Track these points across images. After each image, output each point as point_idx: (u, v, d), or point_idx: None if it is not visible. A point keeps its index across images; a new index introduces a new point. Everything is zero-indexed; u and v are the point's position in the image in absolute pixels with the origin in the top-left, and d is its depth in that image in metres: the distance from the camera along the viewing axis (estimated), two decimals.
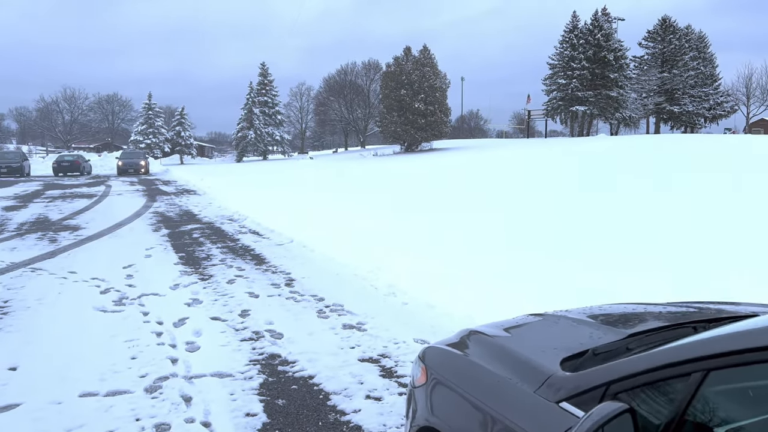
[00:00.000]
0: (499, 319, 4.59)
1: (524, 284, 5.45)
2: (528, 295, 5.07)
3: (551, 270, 5.93)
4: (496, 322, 2.55)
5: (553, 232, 8.11)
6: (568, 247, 7.03)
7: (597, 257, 6.38)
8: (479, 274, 5.89)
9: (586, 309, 2.45)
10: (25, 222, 12.03)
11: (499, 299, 5.05)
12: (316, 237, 8.88)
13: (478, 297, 5.19)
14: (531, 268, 6.06)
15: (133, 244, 9.11)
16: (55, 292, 6.06)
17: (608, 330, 1.93)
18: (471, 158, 27.03)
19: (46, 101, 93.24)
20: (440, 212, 10.67)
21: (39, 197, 18.14)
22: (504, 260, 6.53)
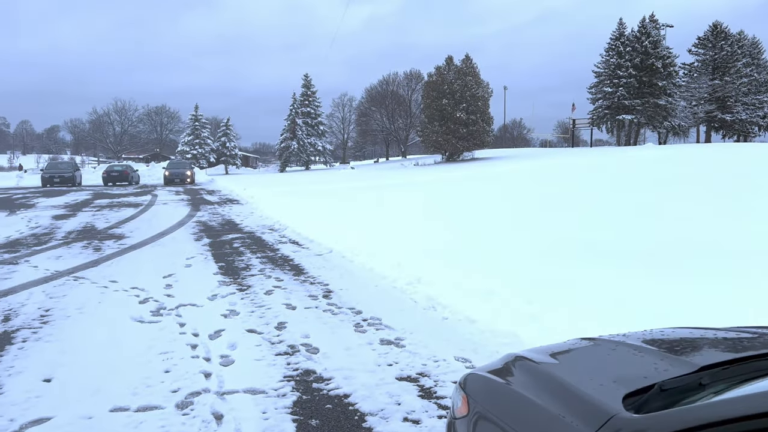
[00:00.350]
0: (547, 340, 4.36)
1: (574, 299, 5.19)
2: (576, 312, 4.81)
3: (630, 287, 5.64)
4: (543, 346, 2.34)
5: (645, 244, 7.78)
6: (668, 266, 6.70)
7: (707, 279, 6.05)
8: (526, 289, 5.64)
9: (645, 333, 2.21)
10: (72, 231, 12.30)
11: (548, 318, 4.80)
12: (355, 247, 8.75)
13: (523, 313, 4.95)
14: (585, 280, 5.78)
15: (174, 254, 9.16)
16: (96, 302, 6.08)
17: (675, 361, 1.71)
18: (520, 166, 26.58)
19: (98, 113, 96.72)
20: (490, 222, 10.42)
21: (88, 206, 18.62)
22: (557, 273, 6.26)
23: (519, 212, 11.43)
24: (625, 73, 55.93)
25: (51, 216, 15.38)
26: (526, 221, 10.16)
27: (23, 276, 7.43)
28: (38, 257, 8.88)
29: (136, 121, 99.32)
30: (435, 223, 10.91)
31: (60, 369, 4.12)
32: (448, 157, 49.38)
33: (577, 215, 10.35)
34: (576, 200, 12.34)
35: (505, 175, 22.95)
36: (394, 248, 8.38)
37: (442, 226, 10.47)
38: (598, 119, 58.88)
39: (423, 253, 7.91)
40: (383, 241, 9.11)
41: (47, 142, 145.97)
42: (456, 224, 10.54)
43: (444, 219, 11.37)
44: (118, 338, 4.82)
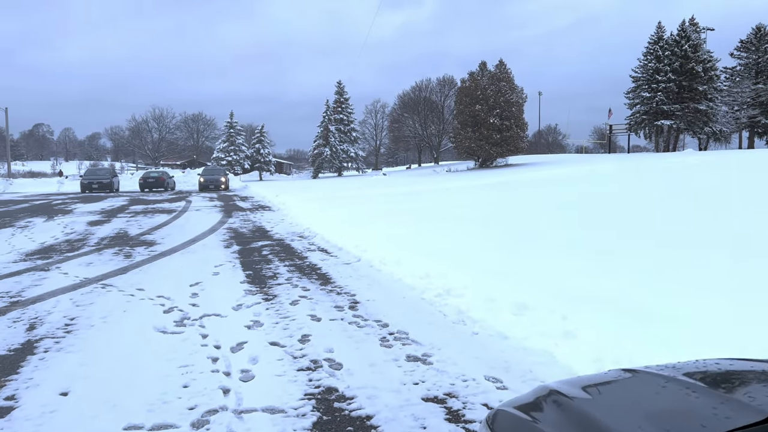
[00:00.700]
0: (582, 360, 4.11)
1: (614, 315, 4.90)
2: (616, 330, 4.53)
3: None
4: (579, 378, 2.09)
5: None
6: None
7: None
8: (563, 304, 5.37)
9: (698, 365, 1.94)
10: (105, 237, 12.41)
11: (584, 336, 4.53)
12: (383, 256, 8.57)
13: (558, 330, 4.69)
14: (630, 295, 5.48)
15: (203, 261, 9.11)
16: (120, 311, 6.02)
17: (739, 405, 1.46)
18: (557, 173, 26.08)
19: (137, 120, 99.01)
20: (523, 231, 10.13)
21: (123, 212, 18.88)
22: (595, 286, 5.96)
23: (558, 221, 11.10)
24: (663, 78, 54.71)
25: (86, 222, 15.60)
26: (563, 231, 9.84)
27: (53, 283, 7.46)
28: (69, 264, 8.94)
29: (174, 128, 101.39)
30: (466, 231, 10.66)
31: (78, 382, 4.03)
32: (482, 164, 48.92)
33: (616, 222, 9.98)
34: (620, 209, 11.94)
35: (541, 181, 22.51)
36: (424, 257, 8.17)
37: (473, 234, 10.21)
38: (635, 125, 57.70)
39: (453, 263, 7.68)
40: (413, 249, 8.91)
41: (88, 149, 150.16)
42: (489, 233, 10.28)
43: (475, 227, 11.11)
44: (139, 350, 4.73)
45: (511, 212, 13.03)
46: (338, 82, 65.00)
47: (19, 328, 5.37)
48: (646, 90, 55.77)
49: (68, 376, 4.16)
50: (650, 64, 55.56)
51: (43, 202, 24.60)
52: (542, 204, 14.11)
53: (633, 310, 5.02)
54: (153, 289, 7.01)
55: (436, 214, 13.53)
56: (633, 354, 4.00)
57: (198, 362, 4.41)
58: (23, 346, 4.87)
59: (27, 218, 16.83)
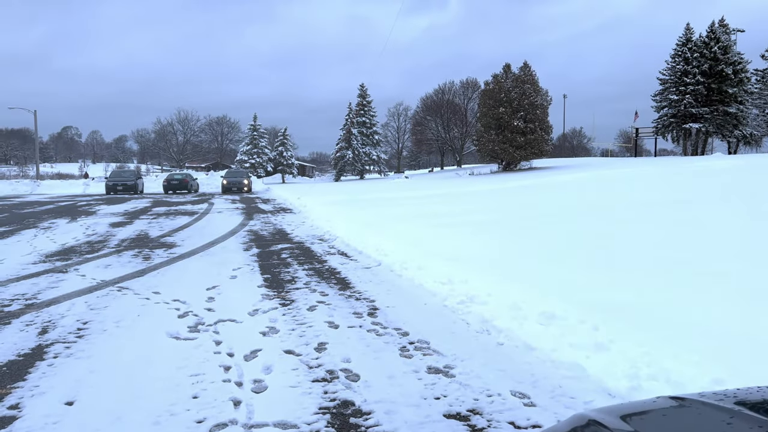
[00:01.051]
0: (615, 375, 3.84)
1: (652, 326, 4.61)
2: (653, 344, 4.24)
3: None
4: (621, 405, 1.83)
5: None
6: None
7: None
8: (594, 313, 5.09)
9: (761, 392, 1.68)
10: (126, 238, 12.38)
11: (617, 349, 4.26)
12: (404, 260, 8.34)
13: (589, 341, 4.42)
14: (674, 307, 5.18)
15: (221, 264, 8.98)
16: (134, 315, 5.89)
17: None
18: (583, 176, 25.61)
19: (162, 123, 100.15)
20: (549, 235, 9.83)
21: (145, 214, 18.93)
22: (628, 296, 5.67)
23: (586, 226, 10.76)
24: (692, 80, 53.70)
25: (108, 224, 15.64)
26: (594, 236, 9.52)
27: (70, 285, 7.37)
28: (88, 266, 8.87)
29: (198, 130, 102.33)
30: (490, 235, 10.39)
31: (85, 391, 3.88)
32: (505, 167, 48.45)
33: (653, 228, 9.62)
34: (656, 213, 11.56)
35: (565, 185, 22.09)
36: (446, 262, 7.92)
37: (497, 239, 9.93)
38: (662, 128, 56.66)
39: (476, 268, 7.42)
40: (435, 254, 8.67)
41: (115, 151, 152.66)
42: (513, 238, 9.99)
43: (500, 232, 10.82)
44: (150, 357, 4.57)
45: (535, 216, 12.71)
46: (361, 85, 65.04)
47: (32, 332, 5.26)
48: (674, 92, 54.74)
49: (75, 384, 4.01)
50: (678, 66, 54.52)
51: (68, 204, 24.85)
52: (568, 208, 13.76)
53: (673, 322, 4.73)
54: (169, 293, 6.87)
55: (459, 218, 13.26)
56: (672, 371, 3.72)
57: (210, 371, 4.23)
58: (33, 351, 4.74)
59: (51, 219, 16.94)
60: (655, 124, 56.82)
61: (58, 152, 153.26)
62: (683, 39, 55.38)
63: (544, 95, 47.95)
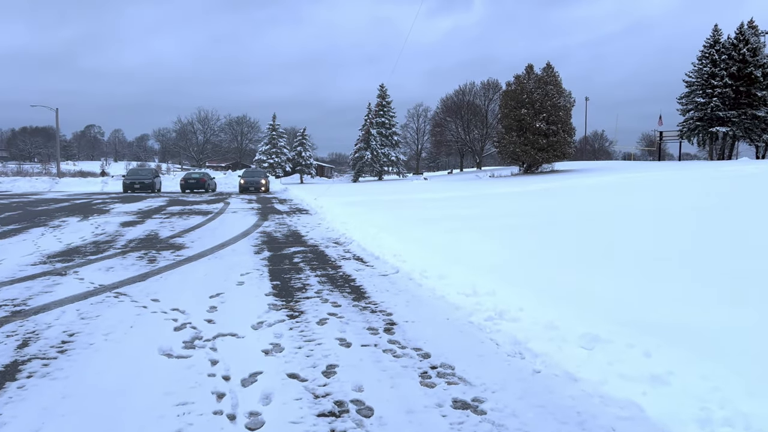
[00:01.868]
0: (681, 417, 3.18)
1: (718, 351, 3.94)
2: (721, 375, 3.57)
3: None
4: None
5: None
6: None
7: None
8: (644, 335, 4.42)
9: None
10: (134, 239, 11.91)
11: (678, 381, 3.60)
12: (424, 267, 7.72)
13: (643, 371, 3.76)
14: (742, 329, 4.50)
15: (229, 268, 8.43)
16: (127, 326, 5.34)
17: None
18: (608, 180, 24.75)
19: (183, 122, 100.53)
20: (582, 242, 9.13)
21: (159, 213, 18.52)
22: (684, 313, 4.99)
23: (627, 232, 10.04)
24: (719, 83, 52.40)
25: (119, 222, 15.22)
26: (637, 244, 8.80)
27: (65, 290, 6.86)
28: (89, 268, 8.37)
29: (218, 130, 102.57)
30: (516, 242, 9.71)
31: (52, 422, 3.32)
32: (526, 169, 47.57)
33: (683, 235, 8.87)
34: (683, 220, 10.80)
35: (591, 188, 21.27)
36: (470, 271, 7.29)
37: (524, 245, 9.26)
38: (688, 131, 55.31)
39: (504, 278, 6.77)
40: (458, 261, 8.03)
41: (137, 150, 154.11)
42: (542, 244, 9.31)
43: (527, 238, 10.14)
44: (135, 378, 4.00)
45: (565, 222, 11.99)
46: (381, 85, 64.44)
47: (10, 345, 4.73)
48: (701, 95, 53.44)
49: (43, 412, 3.45)
50: (705, 69, 53.19)
51: (83, 202, 24.60)
52: (596, 213, 13.02)
53: (744, 349, 4.05)
54: (169, 301, 6.33)
55: (482, 223, 12.59)
56: (751, 416, 3.05)
57: (200, 399, 3.65)
58: (6, 368, 4.21)
59: (63, 217, 16.59)
60: (681, 127, 55.48)
61: (81, 150, 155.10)
62: (711, 41, 54.06)
63: (567, 97, 46.98)
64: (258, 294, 6.72)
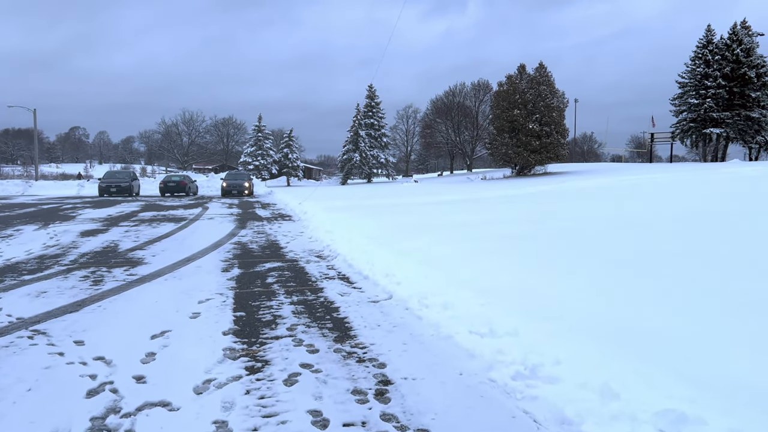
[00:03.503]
0: None
1: None
2: None
3: None
4: None
5: None
6: None
7: None
8: (752, 409, 3.05)
9: None
10: (88, 252, 10.42)
11: None
12: (424, 291, 6.33)
13: None
14: None
15: (187, 292, 6.99)
16: (24, 389, 3.90)
17: None
18: (608, 182, 23.51)
19: (167, 123, 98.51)
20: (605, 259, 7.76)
21: (128, 220, 16.99)
22: None
23: (656, 242, 8.69)
24: (713, 84, 51.62)
25: (80, 232, 13.70)
26: (679, 258, 7.45)
27: None
28: (15, 293, 6.89)
29: (203, 131, 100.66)
30: (526, 255, 8.34)
31: None
32: (519, 171, 46.37)
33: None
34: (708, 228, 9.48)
35: (590, 191, 20.00)
36: (481, 297, 5.91)
37: (538, 260, 7.89)
38: (681, 133, 54.46)
39: (525, 308, 5.39)
40: (463, 282, 6.65)
41: (122, 152, 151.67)
42: (558, 259, 7.93)
43: (538, 250, 8.76)
44: None
45: (576, 230, 10.64)
46: (369, 85, 63.08)
47: None
48: (694, 96, 52.62)
49: None
50: (698, 69, 52.39)
51: (52, 207, 22.97)
52: (608, 220, 11.69)
53: None
54: (96, 343, 4.89)
55: (482, 231, 11.22)
56: None
57: None
58: None
59: (20, 225, 15.03)
60: (674, 128, 54.61)
61: (65, 153, 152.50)
62: (704, 41, 53.27)
63: (561, 97, 45.87)
64: (214, 332, 5.29)
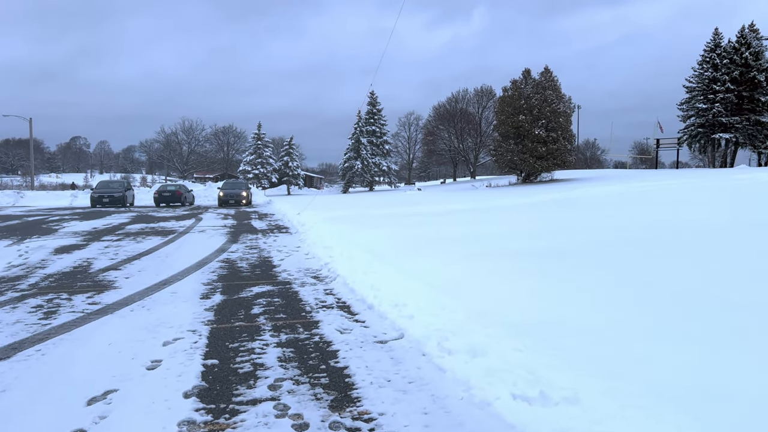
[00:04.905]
0: None
1: None
2: None
3: None
4: None
5: None
6: None
7: None
8: None
9: None
10: (55, 273, 9.17)
11: None
12: (443, 329, 5.06)
13: None
14: None
15: (153, 329, 5.72)
16: None
17: None
18: (622, 189, 22.20)
19: (166, 132, 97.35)
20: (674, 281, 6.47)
21: (112, 234, 15.73)
22: None
23: (718, 260, 7.40)
24: (721, 88, 50.48)
25: (54, 248, 12.44)
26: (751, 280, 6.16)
27: None
28: None
29: (203, 140, 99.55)
30: (561, 276, 7.06)
31: None
32: (524, 178, 45.09)
33: None
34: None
35: (606, 199, 18.72)
36: (520, 337, 4.64)
37: (576, 281, 6.61)
38: (689, 138, 53.25)
39: (587, 359, 4.12)
40: (491, 315, 5.38)
41: (123, 161, 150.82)
42: (598, 279, 6.65)
43: (572, 267, 7.48)
44: None
45: (607, 243, 9.36)
46: (371, 92, 61.87)
47: None
48: (702, 101, 51.44)
49: None
50: (706, 73, 51.24)
51: (36, 219, 21.74)
52: (650, 230, 10.41)
53: None
54: (8, 415, 3.62)
55: (500, 246, 9.94)
56: None
57: None
58: None
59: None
60: (681, 134, 53.40)
61: (66, 162, 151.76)
62: (711, 45, 52.14)
63: (567, 102, 44.68)
64: (172, 394, 4.01)
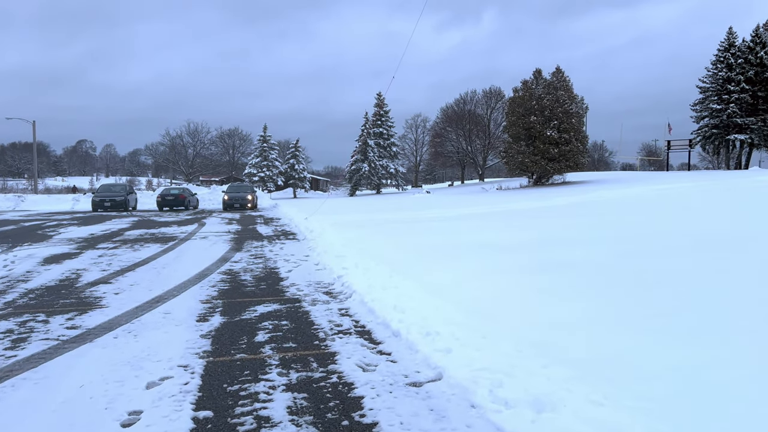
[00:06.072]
0: None
1: None
2: None
3: None
4: None
5: None
6: None
7: None
8: None
9: None
10: (36, 288, 8.23)
11: None
12: (490, 367, 4.07)
13: None
14: None
15: (136, 364, 4.75)
16: None
17: None
18: (634, 193, 21.14)
19: (171, 135, 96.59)
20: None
21: (109, 241, 14.81)
22: None
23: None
24: (736, 88, 49.31)
25: (44, 257, 11.51)
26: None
27: None
28: None
29: (209, 143, 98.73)
30: (613, 294, 6.06)
31: None
32: (536, 181, 44.00)
33: None
34: None
35: (630, 202, 17.67)
36: (592, 385, 3.64)
37: (637, 302, 5.61)
38: (703, 139, 52.09)
39: (676, 416, 3.12)
40: (545, 348, 4.38)
41: (129, 165, 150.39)
42: (663, 299, 5.65)
43: (625, 284, 6.47)
44: None
45: (649, 254, 8.33)
46: (378, 94, 60.85)
47: None
48: (716, 102, 50.30)
49: None
50: (721, 73, 50.10)
51: (33, 224, 20.87)
52: (680, 238, 9.38)
53: None
54: None
55: (532, 255, 8.93)
56: None
57: None
58: None
59: None
60: (695, 135, 52.25)
61: (72, 166, 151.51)
62: (725, 44, 50.99)
63: (580, 103, 43.58)
64: None
